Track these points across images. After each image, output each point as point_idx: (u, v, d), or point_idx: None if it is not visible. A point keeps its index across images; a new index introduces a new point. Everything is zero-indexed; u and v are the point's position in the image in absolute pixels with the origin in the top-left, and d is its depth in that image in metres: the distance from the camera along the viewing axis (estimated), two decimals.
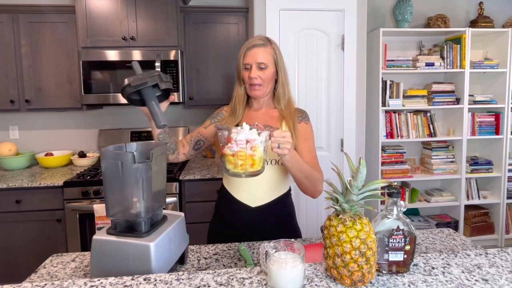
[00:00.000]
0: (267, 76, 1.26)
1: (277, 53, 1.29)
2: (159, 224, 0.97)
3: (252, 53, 1.25)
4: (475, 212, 3.15)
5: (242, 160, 0.99)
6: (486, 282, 0.79)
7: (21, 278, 2.26)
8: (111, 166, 0.89)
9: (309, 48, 2.49)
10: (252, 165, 1.00)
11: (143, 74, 1.08)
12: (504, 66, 3.00)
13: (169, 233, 0.96)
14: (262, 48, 1.26)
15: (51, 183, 2.24)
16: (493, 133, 3.09)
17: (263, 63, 1.24)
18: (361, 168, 0.79)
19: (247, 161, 0.99)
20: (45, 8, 2.47)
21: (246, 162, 0.99)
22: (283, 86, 1.31)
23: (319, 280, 0.81)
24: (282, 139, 1.05)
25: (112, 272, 0.90)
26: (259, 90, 1.27)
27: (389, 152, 3.03)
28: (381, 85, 2.86)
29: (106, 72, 2.47)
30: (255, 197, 1.29)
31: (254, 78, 1.24)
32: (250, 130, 1.00)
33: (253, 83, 1.25)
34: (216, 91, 2.68)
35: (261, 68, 1.25)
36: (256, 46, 1.25)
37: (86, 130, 2.94)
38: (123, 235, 0.91)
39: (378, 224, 0.85)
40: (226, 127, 1.03)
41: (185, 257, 1.07)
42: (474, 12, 3.19)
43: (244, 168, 1.00)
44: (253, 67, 1.24)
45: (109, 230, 0.93)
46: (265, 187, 1.29)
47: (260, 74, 1.25)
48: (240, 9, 2.63)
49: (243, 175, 1.02)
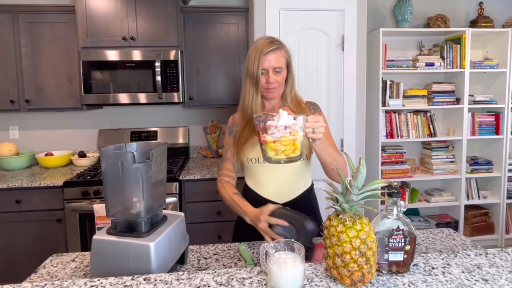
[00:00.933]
0: (282, 79, 1.28)
1: (289, 55, 1.31)
2: (159, 224, 0.97)
3: (269, 58, 1.25)
4: (475, 212, 3.15)
5: (285, 145, 0.99)
6: (486, 282, 0.79)
7: (21, 278, 2.26)
8: (111, 166, 0.89)
9: (309, 48, 2.49)
10: (294, 150, 1.00)
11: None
12: (504, 66, 3.00)
13: (169, 233, 0.96)
14: (277, 52, 1.26)
15: (51, 183, 2.24)
16: (493, 133, 3.09)
17: (279, 67, 1.26)
18: (361, 168, 0.79)
19: (290, 147, 0.99)
20: (45, 8, 2.47)
21: (289, 148, 1.00)
22: (292, 85, 1.33)
23: (319, 280, 0.81)
24: (316, 123, 1.05)
25: (112, 272, 0.90)
26: (276, 92, 1.30)
27: (389, 152, 3.03)
28: (381, 85, 2.86)
29: (106, 72, 2.47)
30: (280, 193, 1.31)
31: (272, 83, 1.26)
32: (288, 116, 1.00)
33: (271, 87, 1.27)
34: (216, 91, 2.68)
35: (277, 72, 1.26)
36: (272, 51, 1.25)
37: (86, 130, 2.94)
38: (123, 235, 0.91)
39: (378, 224, 0.85)
40: (264, 114, 1.02)
41: (185, 257, 1.08)
42: (474, 12, 3.19)
43: (287, 153, 1.00)
44: (270, 72, 1.25)
45: (109, 230, 0.93)
46: (290, 182, 1.31)
47: (277, 79, 1.26)
48: (240, 9, 2.63)
49: (283, 161, 1.02)
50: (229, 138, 1.40)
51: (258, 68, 1.24)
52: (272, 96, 1.31)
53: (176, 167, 2.53)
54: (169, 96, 2.51)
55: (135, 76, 2.48)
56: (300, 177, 1.33)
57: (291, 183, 1.31)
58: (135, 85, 2.49)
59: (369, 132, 2.93)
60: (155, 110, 2.99)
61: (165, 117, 3.01)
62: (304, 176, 1.35)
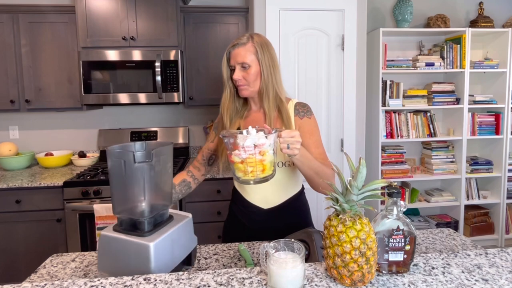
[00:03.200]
0: (252, 76, 1.20)
1: (259, 50, 1.20)
2: (163, 224, 0.97)
3: (234, 53, 1.20)
4: (475, 212, 3.15)
5: (252, 167, 0.95)
6: (486, 282, 0.79)
7: (21, 278, 2.26)
8: (115, 165, 0.90)
9: (309, 48, 2.49)
10: (263, 170, 0.95)
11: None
12: (504, 66, 3.00)
13: (172, 234, 0.95)
14: (242, 48, 1.19)
15: (51, 183, 2.24)
16: (493, 133, 3.09)
17: (245, 62, 1.19)
18: (361, 168, 0.79)
19: (258, 167, 0.95)
20: (45, 8, 2.47)
21: (256, 168, 0.95)
22: (266, 84, 1.22)
23: (319, 280, 0.81)
24: (291, 139, 1.00)
25: (116, 267, 0.91)
26: (246, 90, 1.23)
27: (389, 152, 3.03)
28: (381, 85, 2.86)
29: (106, 72, 2.47)
30: (266, 200, 1.28)
31: (238, 80, 1.20)
32: (257, 134, 0.95)
33: (238, 84, 1.22)
34: (216, 91, 2.68)
35: (243, 67, 1.20)
36: (236, 46, 1.20)
37: (86, 130, 2.95)
38: (127, 233, 0.92)
39: (378, 224, 0.85)
40: (231, 133, 0.98)
41: (192, 259, 1.06)
42: (474, 12, 3.19)
43: (254, 175, 0.95)
44: (237, 68, 1.20)
45: (115, 227, 0.95)
46: (276, 189, 1.27)
47: (244, 75, 1.20)
48: (240, 9, 2.63)
49: (253, 182, 0.97)
50: (211, 132, 1.39)
51: (224, 65, 1.23)
52: (243, 94, 1.24)
53: (176, 167, 2.52)
54: (169, 96, 2.51)
55: (135, 76, 2.48)
56: (286, 183, 1.28)
57: (278, 190, 1.28)
58: (135, 85, 2.49)
59: (369, 132, 2.94)
60: (155, 110, 2.99)
61: (165, 117, 3.01)
62: (292, 182, 1.30)
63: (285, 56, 2.47)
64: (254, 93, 1.25)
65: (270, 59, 1.22)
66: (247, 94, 1.25)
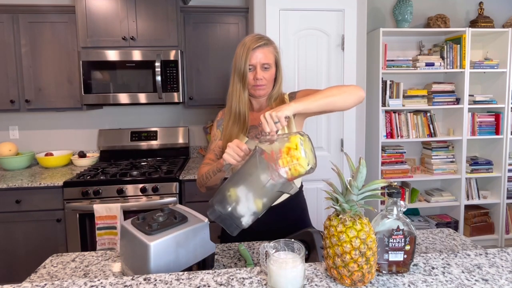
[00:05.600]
0: (270, 76, 1.26)
1: (278, 52, 1.29)
2: (173, 225, 0.96)
3: (257, 53, 1.23)
4: (475, 212, 3.15)
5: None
6: (486, 282, 0.79)
7: (21, 278, 2.26)
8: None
9: (309, 48, 2.49)
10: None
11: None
12: (504, 66, 3.00)
13: (178, 237, 0.93)
14: (266, 48, 1.24)
15: (51, 183, 2.24)
16: (493, 133, 3.09)
17: (268, 63, 1.24)
18: (361, 168, 0.79)
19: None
20: (45, 8, 2.47)
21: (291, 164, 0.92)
22: (280, 84, 1.30)
23: (319, 280, 0.81)
24: (270, 118, 0.97)
25: (128, 258, 0.99)
26: (263, 90, 1.27)
27: (389, 152, 3.03)
28: (381, 85, 2.86)
29: (106, 72, 2.47)
30: None
31: (260, 79, 1.24)
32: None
33: (258, 84, 1.24)
34: (216, 91, 2.68)
35: (265, 68, 1.25)
36: (260, 47, 1.24)
37: (86, 130, 2.95)
38: (138, 229, 0.94)
39: (378, 224, 0.85)
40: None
41: (207, 265, 1.02)
42: (474, 12, 3.19)
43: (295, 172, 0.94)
44: (258, 68, 1.24)
45: (134, 220, 0.98)
46: None
47: (265, 75, 1.24)
48: (240, 9, 2.63)
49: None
50: (216, 131, 1.39)
51: (245, 64, 1.22)
52: (260, 94, 1.27)
53: (176, 167, 2.52)
54: (169, 96, 2.51)
55: (135, 76, 2.48)
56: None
57: None
58: (135, 85, 2.49)
59: (369, 132, 2.94)
60: (155, 110, 2.99)
61: (165, 117, 3.01)
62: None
63: (285, 56, 2.47)
64: (267, 93, 1.30)
65: (281, 62, 1.31)
66: (263, 94, 1.29)
